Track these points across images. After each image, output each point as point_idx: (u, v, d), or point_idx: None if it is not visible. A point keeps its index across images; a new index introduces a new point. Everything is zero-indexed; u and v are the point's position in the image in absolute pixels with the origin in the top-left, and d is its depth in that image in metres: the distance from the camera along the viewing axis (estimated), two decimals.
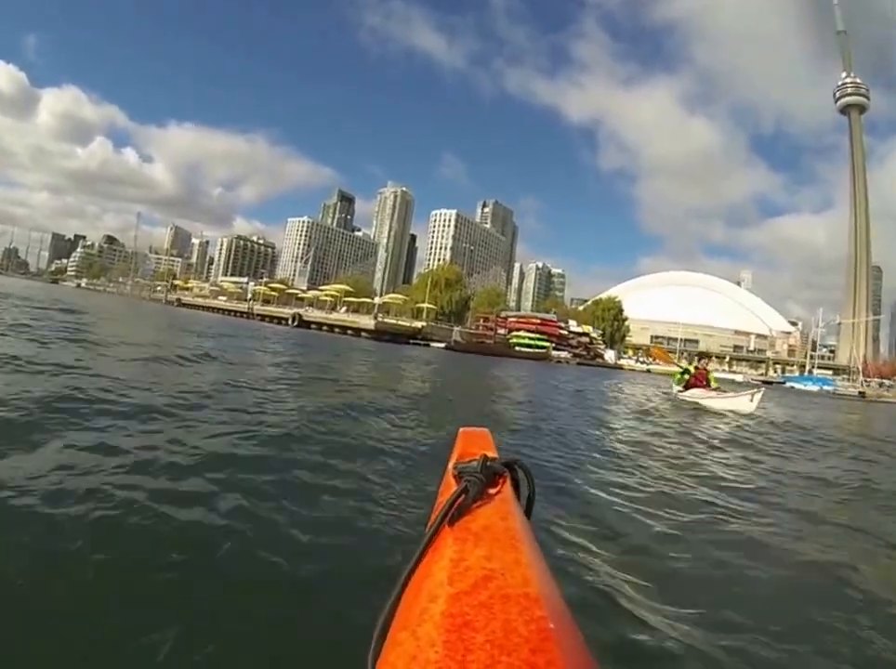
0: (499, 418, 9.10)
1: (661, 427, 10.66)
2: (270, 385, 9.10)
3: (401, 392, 10.52)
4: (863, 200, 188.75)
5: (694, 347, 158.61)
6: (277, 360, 14.97)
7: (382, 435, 6.11)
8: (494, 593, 0.70)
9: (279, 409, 6.96)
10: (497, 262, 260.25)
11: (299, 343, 27.24)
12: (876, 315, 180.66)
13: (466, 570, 0.76)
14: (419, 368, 21.44)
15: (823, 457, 9.37)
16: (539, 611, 0.68)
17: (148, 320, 28.81)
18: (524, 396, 15.36)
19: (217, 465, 3.99)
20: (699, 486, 5.62)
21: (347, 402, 7.95)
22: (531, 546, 0.88)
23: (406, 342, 63.49)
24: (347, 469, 4.46)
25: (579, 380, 29.89)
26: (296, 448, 4.94)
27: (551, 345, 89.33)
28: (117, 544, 2.69)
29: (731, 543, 3.86)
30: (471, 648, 0.61)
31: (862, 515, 5.39)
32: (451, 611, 0.67)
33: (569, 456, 6.26)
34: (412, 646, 0.63)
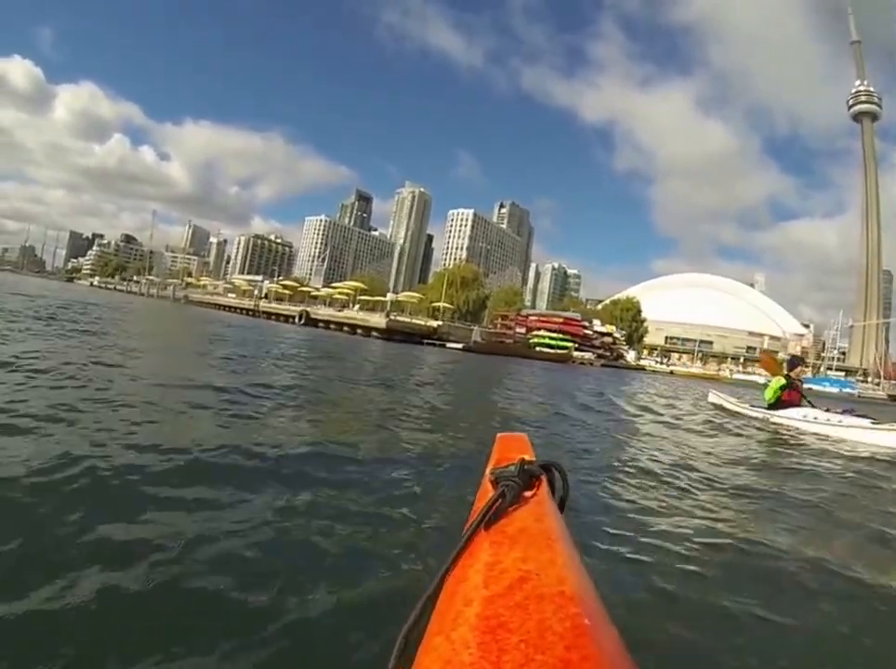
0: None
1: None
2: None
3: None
4: (875, 206, 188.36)
5: (709, 348, 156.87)
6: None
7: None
8: (529, 593, 0.70)
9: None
10: (513, 262, 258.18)
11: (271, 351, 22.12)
12: (887, 318, 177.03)
13: (501, 572, 0.76)
14: (436, 378, 17.06)
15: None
16: (574, 609, 0.67)
17: (126, 318, 24.78)
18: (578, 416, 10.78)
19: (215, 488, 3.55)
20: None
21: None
22: (567, 546, 0.88)
23: (420, 342, 58.61)
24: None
25: (612, 385, 26.76)
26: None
27: (574, 345, 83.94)
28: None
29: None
30: (506, 648, 0.60)
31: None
32: (486, 614, 0.67)
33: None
34: (446, 649, 0.63)
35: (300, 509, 3.32)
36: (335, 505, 3.45)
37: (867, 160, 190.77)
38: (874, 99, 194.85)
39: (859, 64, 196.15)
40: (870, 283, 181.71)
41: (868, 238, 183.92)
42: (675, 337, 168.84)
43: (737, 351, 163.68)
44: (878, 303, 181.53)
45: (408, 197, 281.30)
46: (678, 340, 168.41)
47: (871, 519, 4.74)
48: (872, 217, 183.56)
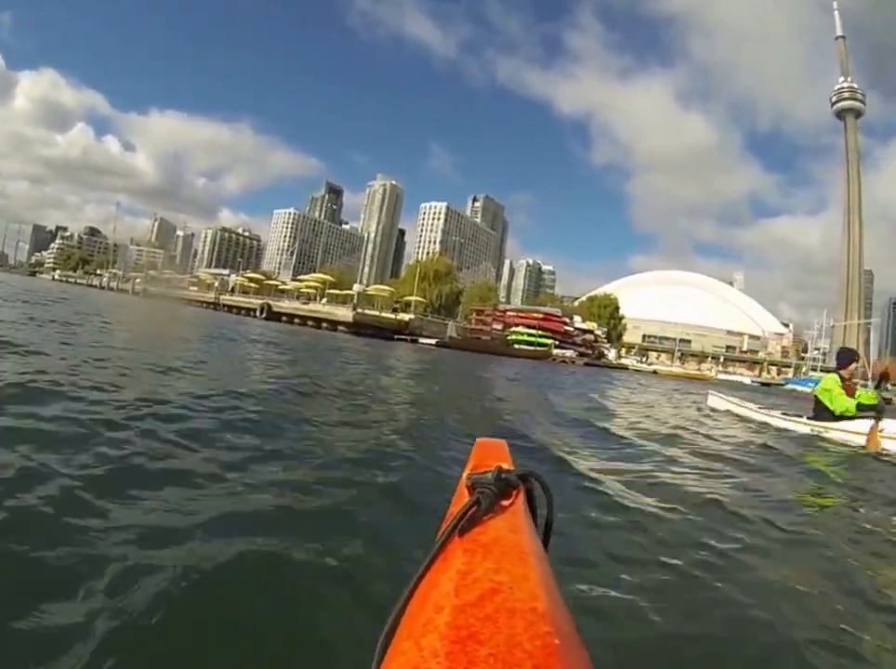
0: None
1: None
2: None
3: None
4: (857, 204, 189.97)
5: (687, 347, 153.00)
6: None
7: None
8: (500, 606, 0.69)
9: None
10: (487, 257, 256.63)
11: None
12: (868, 318, 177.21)
13: (473, 582, 0.75)
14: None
15: None
16: (545, 627, 0.66)
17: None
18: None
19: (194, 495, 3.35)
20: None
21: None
22: (541, 561, 0.87)
23: (391, 338, 54.84)
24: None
25: (601, 387, 24.08)
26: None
27: (553, 343, 79.84)
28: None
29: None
30: (475, 661, 0.59)
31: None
32: (456, 623, 0.66)
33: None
34: (415, 656, 0.62)
35: (266, 514, 3.11)
36: (301, 507, 3.27)
37: (850, 157, 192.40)
38: (857, 96, 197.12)
39: (843, 60, 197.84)
40: (851, 283, 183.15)
41: (850, 237, 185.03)
42: (652, 336, 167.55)
43: (716, 350, 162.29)
44: (859, 303, 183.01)
45: (379, 190, 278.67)
46: (655, 338, 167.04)
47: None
48: (854, 216, 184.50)
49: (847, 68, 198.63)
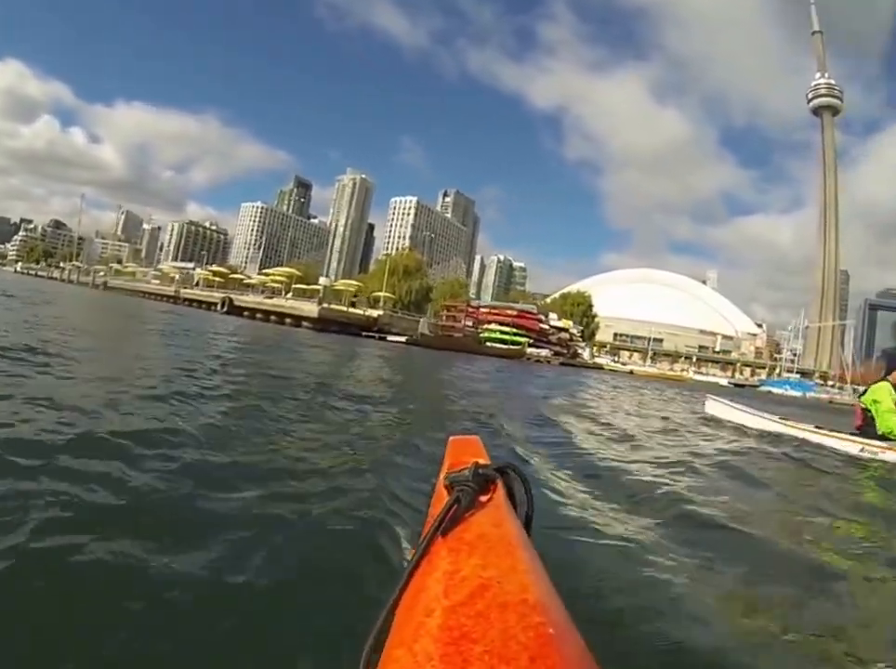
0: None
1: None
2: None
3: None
4: (834, 203, 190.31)
5: (659, 347, 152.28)
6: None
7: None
8: (490, 602, 0.69)
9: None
10: (458, 253, 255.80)
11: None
12: (843, 319, 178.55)
13: (461, 580, 0.74)
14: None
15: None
16: (538, 617, 0.66)
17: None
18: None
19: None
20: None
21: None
22: (527, 552, 0.87)
23: (358, 334, 51.71)
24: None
25: (581, 390, 21.92)
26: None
27: (527, 341, 77.13)
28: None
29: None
30: (469, 659, 0.59)
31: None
32: (448, 624, 0.65)
33: None
34: (409, 662, 0.61)
35: (243, 524, 2.95)
36: (278, 520, 3.08)
37: (826, 155, 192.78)
38: (834, 93, 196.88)
39: (820, 56, 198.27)
40: (826, 283, 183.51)
41: (826, 236, 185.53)
42: (624, 334, 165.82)
43: (689, 350, 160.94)
44: (835, 304, 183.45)
45: (349, 184, 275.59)
46: (627, 337, 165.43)
47: None
48: (830, 215, 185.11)
49: (824, 63, 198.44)
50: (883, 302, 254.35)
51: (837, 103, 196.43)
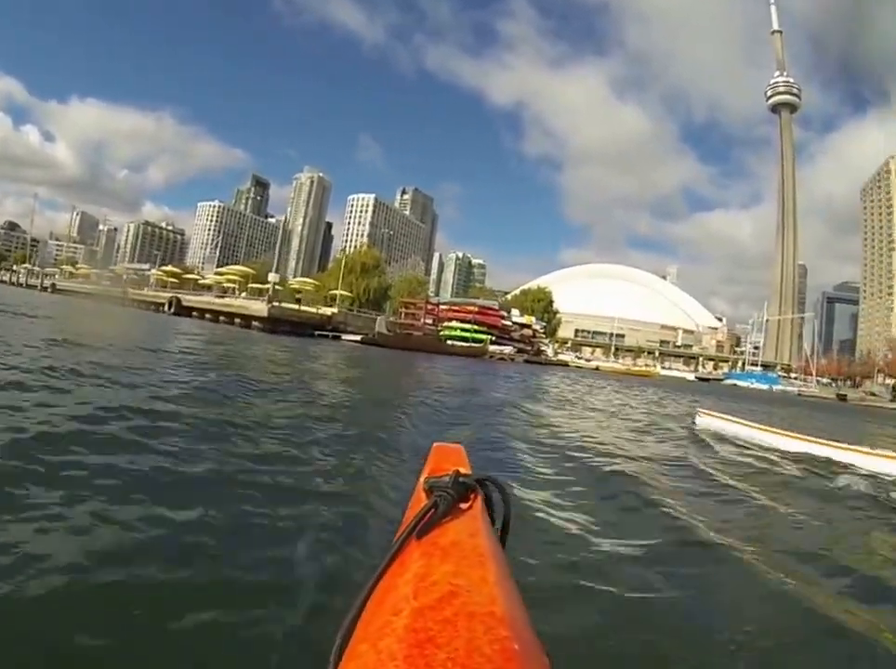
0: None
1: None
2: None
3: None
4: (792, 198, 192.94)
5: (621, 342, 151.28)
6: None
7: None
8: (459, 610, 0.68)
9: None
10: (416, 251, 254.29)
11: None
12: (801, 313, 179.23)
13: (431, 585, 0.74)
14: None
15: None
16: (504, 631, 0.64)
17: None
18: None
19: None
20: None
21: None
22: (499, 564, 0.86)
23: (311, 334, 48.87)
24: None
25: (555, 393, 21.28)
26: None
27: (490, 338, 74.83)
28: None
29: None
30: (433, 664, 0.58)
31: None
32: (414, 626, 0.64)
33: None
34: (372, 659, 0.61)
35: (220, 524, 3.15)
36: (248, 517, 3.32)
37: (785, 152, 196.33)
38: (793, 90, 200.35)
39: (779, 54, 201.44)
40: (785, 277, 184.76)
41: (784, 231, 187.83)
42: (585, 330, 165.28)
43: (650, 345, 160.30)
44: (793, 298, 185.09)
45: (307, 182, 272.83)
46: (588, 333, 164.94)
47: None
48: (788, 210, 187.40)
49: (783, 62, 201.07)
50: (840, 295, 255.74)
51: (796, 101, 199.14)
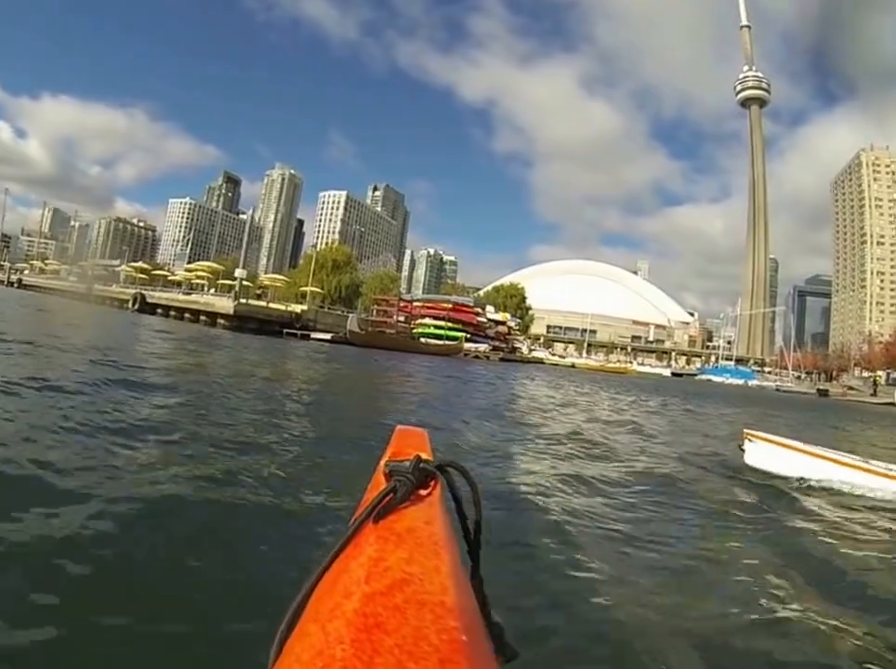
0: None
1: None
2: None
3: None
4: (762, 192, 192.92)
5: (593, 338, 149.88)
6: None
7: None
8: (409, 597, 0.67)
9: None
10: (388, 247, 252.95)
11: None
12: (773, 307, 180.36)
13: (384, 570, 0.73)
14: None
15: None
16: (453, 622, 0.63)
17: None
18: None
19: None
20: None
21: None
22: (453, 554, 0.85)
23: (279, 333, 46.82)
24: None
25: (543, 397, 19.35)
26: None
27: (464, 335, 72.00)
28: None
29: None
30: (380, 650, 0.57)
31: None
32: (364, 610, 0.63)
33: None
34: (319, 640, 0.59)
35: (176, 507, 3.22)
36: (213, 499, 3.37)
37: (754, 146, 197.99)
38: (762, 85, 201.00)
39: (748, 49, 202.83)
40: (756, 271, 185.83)
41: (755, 225, 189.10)
42: (557, 326, 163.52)
43: (622, 340, 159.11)
44: (765, 291, 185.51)
45: (278, 179, 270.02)
46: (560, 329, 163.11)
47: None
48: (759, 204, 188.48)
49: (751, 57, 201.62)
50: (811, 288, 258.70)
51: (765, 95, 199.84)
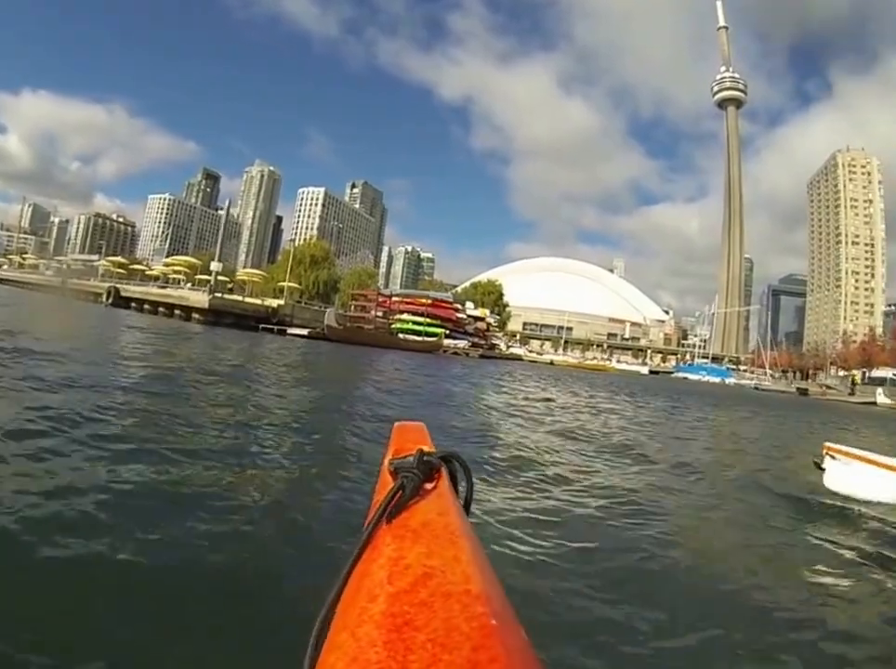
0: None
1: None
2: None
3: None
4: (738, 192, 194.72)
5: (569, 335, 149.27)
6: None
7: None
8: (434, 591, 0.67)
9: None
10: (366, 244, 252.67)
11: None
12: (748, 305, 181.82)
13: (405, 568, 0.73)
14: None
15: None
16: (481, 608, 0.64)
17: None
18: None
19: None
20: None
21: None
22: (470, 542, 0.85)
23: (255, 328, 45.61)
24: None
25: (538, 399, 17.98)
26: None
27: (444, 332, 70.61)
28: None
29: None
30: (412, 647, 0.57)
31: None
32: (391, 611, 0.63)
33: None
34: (352, 647, 0.59)
35: (189, 521, 3.14)
36: (226, 517, 3.29)
37: (731, 147, 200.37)
38: (739, 86, 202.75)
39: (725, 50, 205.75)
40: (731, 270, 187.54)
41: (730, 225, 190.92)
42: (533, 323, 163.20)
43: (598, 338, 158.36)
44: (740, 290, 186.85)
45: (257, 176, 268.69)
46: (536, 326, 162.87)
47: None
48: (735, 204, 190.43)
49: (728, 58, 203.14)
50: (785, 288, 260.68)
51: (741, 96, 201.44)
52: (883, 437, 19.12)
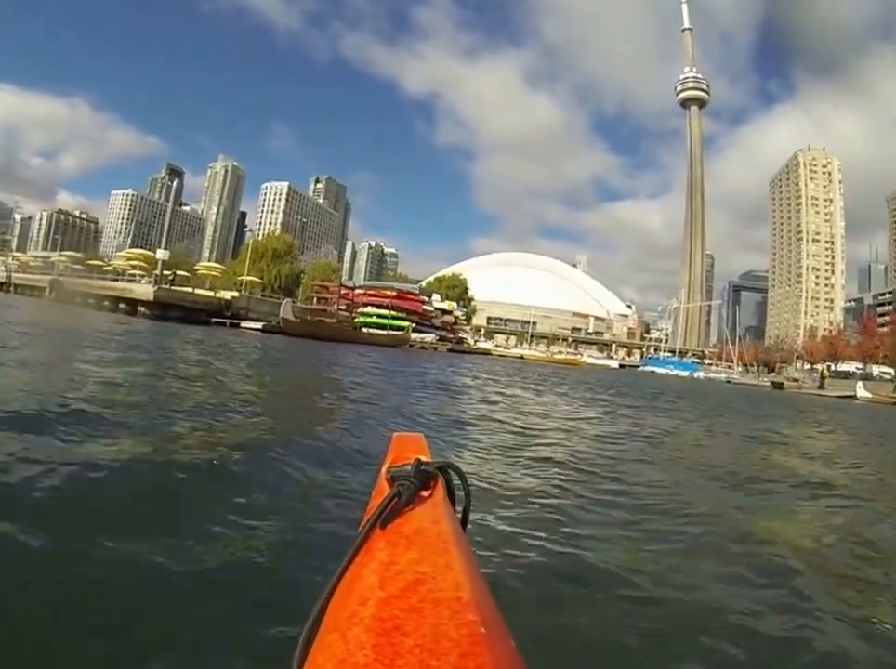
0: None
1: None
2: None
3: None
4: (700, 189, 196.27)
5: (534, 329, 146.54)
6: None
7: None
8: (424, 596, 0.67)
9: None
10: (330, 239, 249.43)
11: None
12: (709, 301, 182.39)
13: (397, 573, 0.73)
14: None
15: None
16: (470, 615, 0.63)
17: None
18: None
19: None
20: None
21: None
22: (463, 550, 0.85)
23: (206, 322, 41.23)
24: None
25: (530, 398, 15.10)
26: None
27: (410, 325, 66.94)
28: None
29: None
30: (401, 652, 0.57)
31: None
32: (381, 615, 0.63)
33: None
34: (340, 648, 0.59)
35: (179, 521, 3.04)
36: (220, 513, 3.15)
37: (693, 145, 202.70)
38: (701, 86, 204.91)
39: (689, 51, 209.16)
40: (693, 267, 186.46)
41: (692, 222, 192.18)
42: (497, 318, 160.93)
43: (562, 332, 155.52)
44: (702, 286, 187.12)
45: (221, 171, 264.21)
46: (500, 321, 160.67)
47: None
48: (696, 201, 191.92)
49: (693, 58, 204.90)
50: (746, 283, 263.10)
51: (704, 96, 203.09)
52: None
